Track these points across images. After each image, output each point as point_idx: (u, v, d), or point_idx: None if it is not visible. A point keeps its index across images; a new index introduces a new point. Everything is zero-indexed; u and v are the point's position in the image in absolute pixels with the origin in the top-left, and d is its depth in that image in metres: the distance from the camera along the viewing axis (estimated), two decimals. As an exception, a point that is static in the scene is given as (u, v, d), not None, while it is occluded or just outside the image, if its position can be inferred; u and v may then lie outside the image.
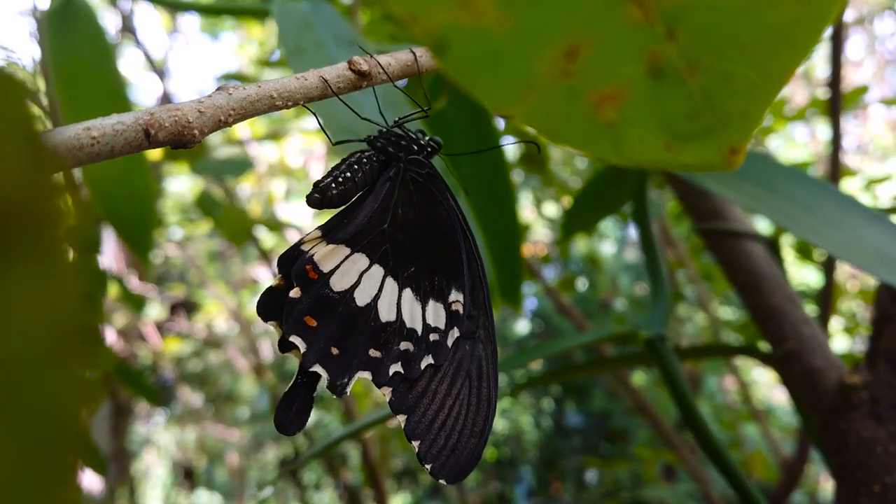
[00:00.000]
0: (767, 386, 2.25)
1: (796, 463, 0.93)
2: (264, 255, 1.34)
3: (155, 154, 0.87)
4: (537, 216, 1.79)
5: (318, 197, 0.27)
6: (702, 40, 0.14)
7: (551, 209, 1.91)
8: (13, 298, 0.10)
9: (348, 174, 0.27)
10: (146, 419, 2.66)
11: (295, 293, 0.26)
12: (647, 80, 0.14)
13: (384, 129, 0.29)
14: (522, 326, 2.35)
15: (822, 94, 1.21)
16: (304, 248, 0.27)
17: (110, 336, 1.71)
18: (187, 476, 2.76)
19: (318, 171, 1.84)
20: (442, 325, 0.28)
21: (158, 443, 2.74)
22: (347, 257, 0.27)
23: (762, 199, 0.43)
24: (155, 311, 2.13)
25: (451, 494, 2.26)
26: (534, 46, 0.14)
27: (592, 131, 0.15)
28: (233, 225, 0.90)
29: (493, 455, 2.30)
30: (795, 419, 2.00)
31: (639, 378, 1.97)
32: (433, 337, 0.27)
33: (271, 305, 0.26)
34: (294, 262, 0.26)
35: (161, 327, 2.15)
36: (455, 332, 0.28)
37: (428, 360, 0.27)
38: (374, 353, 0.26)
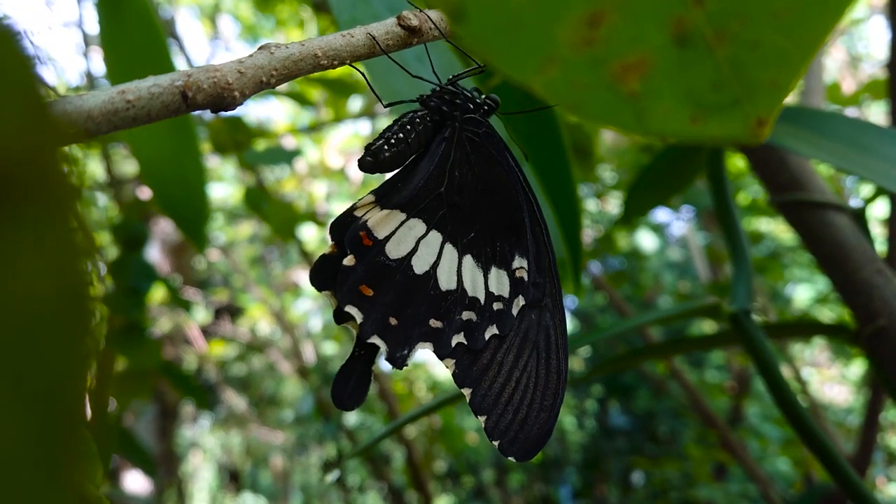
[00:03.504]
0: (819, 383, 2.19)
1: (859, 462, 0.89)
2: (307, 257, 1.35)
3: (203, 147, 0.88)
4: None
5: (371, 160, 0.26)
6: (731, 6, 0.13)
7: (592, 206, 1.89)
8: (12, 258, 0.09)
9: (401, 135, 0.26)
10: (192, 422, 2.70)
11: (349, 261, 0.25)
12: (673, 48, 0.14)
13: (437, 88, 0.27)
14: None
15: (879, 75, 1.17)
16: (357, 213, 0.25)
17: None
18: (233, 479, 2.79)
19: (358, 172, 1.85)
20: (506, 294, 0.26)
21: (204, 446, 2.78)
22: (403, 223, 0.25)
23: (854, 159, 0.41)
24: (200, 315, 2.16)
25: (494, 496, 2.24)
26: (555, 12, 0.13)
27: (615, 103, 0.14)
28: (279, 218, 0.91)
29: (538, 456, 2.27)
30: (849, 417, 1.94)
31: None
32: (497, 306, 0.26)
33: (325, 274, 0.25)
34: (347, 229, 0.25)
35: (206, 331, 2.18)
36: (520, 301, 0.26)
37: (492, 331, 0.26)
38: (434, 323, 0.25)
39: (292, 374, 2.14)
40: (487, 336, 0.26)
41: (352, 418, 2.20)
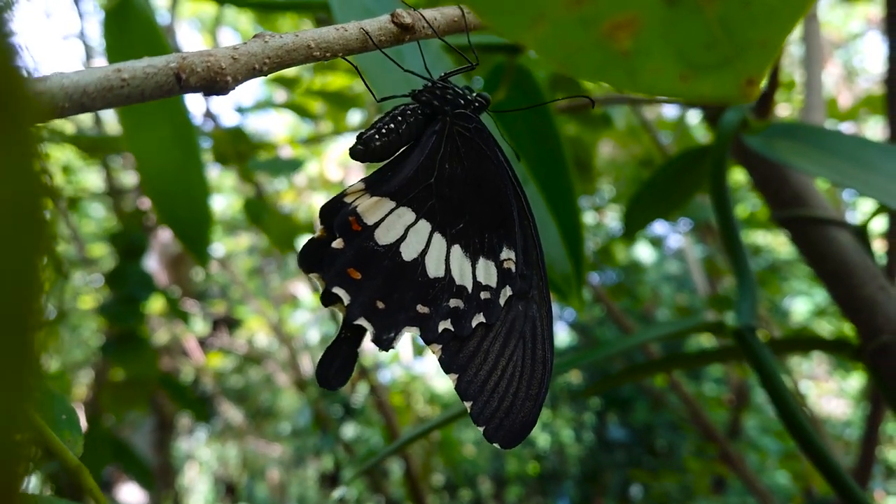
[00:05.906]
0: (817, 397, 2.18)
1: (860, 475, 0.89)
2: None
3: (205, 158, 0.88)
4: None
5: (362, 149, 0.26)
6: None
7: (590, 218, 1.89)
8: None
9: (392, 126, 0.26)
10: (188, 434, 2.68)
11: (338, 244, 0.25)
12: (663, 6, 0.14)
13: (429, 84, 0.28)
14: (561, 339, 2.32)
15: (876, 90, 1.18)
16: (347, 199, 0.26)
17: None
18: (229, 491, 2.78)
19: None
20: (493, 284, 0.27)
21: (201, 458, 2.76)
22: (392, 211, 0.26)
23: (855, 176, 0.41)
24: (197, 326, 2.15)
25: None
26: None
27: (606, 61, 0.14)
28: (278, 230, 0.91)
29: (536, 469, 2.26)
30: (847, 430, 1.94)
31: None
32: (484, 295, 0.26)
33: (314, 257, 0.26)
34: (336, 214, 0.26)
35: (203, 343, 2.17)
36: (507, 291, 0.27)
37: (479, 319, 0.26)
38: (421, 308, 0.26)
39: (289, 386, 2.14)
40: (474, 324, 0.26)
41: (349, 431, 2.20)
